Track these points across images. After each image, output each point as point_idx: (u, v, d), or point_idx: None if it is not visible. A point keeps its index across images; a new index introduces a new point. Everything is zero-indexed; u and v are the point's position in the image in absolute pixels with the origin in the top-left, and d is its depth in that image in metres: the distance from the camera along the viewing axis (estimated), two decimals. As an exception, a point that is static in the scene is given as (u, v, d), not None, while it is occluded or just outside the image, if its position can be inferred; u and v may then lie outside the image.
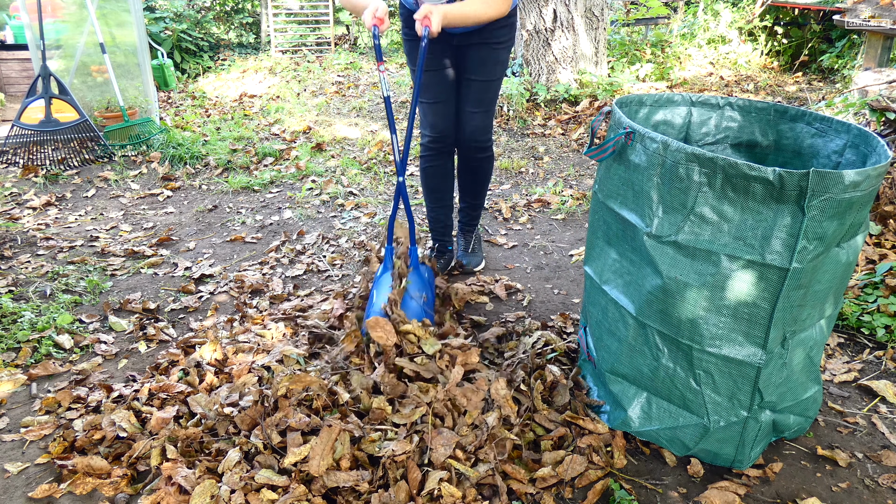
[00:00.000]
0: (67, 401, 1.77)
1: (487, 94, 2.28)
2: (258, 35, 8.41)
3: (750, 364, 1.41)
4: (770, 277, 1.32)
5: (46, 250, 2.76)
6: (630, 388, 1.63)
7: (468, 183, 2.51)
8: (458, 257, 2.59)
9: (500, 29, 2.18)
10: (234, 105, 5.51)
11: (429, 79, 2.25)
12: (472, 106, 2.28)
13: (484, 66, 2.23)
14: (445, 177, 2.45)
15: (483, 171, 2.46)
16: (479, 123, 2.31)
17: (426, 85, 2.25)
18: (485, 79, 2.24)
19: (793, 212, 1.26)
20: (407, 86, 6.20)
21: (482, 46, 2.20)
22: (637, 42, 6.53)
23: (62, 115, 3.85)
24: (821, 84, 5.90)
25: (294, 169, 3.84)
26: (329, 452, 1.48)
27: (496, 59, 2.23)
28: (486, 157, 2.42)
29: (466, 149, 2.38)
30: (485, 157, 2.41)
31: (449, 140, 2.36)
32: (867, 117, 2.90)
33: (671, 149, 1.34)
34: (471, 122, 2.30)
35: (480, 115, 2.30)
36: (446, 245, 2.58)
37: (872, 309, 2.15)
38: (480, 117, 2.30)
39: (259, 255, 2.76)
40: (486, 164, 2.44)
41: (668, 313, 1.45)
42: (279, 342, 2.02)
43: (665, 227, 1.40)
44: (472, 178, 2.48)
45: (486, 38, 2.18)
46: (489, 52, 2.21)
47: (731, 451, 1.53)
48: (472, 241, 2.63)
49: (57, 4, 4.17)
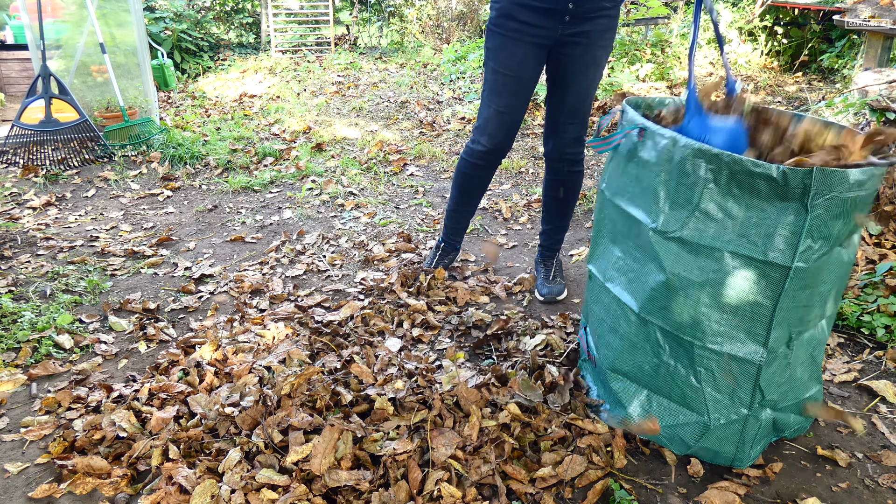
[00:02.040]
0: (67, 401, 1.77)
1: (586, 102, 2.09)
2: (258, 35, 8.41)
3: (751, 361, 1.42)
4: (772, 275, 1.32)
5: (46, 250, 2.76)
6: (630, 385, 1.63)
7: (556, 200, 2.31)
8: (537, 287, 2.39)
9: (609, 31, 2.01)
10: (234, 105, 5.51)
11: (509, 82, 2.01)
12: (569, 117, 2.10)
13: (585, 70, 2.02)
14: (483, 186, 2.30)
15: (573, 187, 2.28)
16: (575, 135, 2.14)
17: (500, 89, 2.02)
18: (584, 87, 2.05)
19: (796, 210, 1.26)
20: (407, 85, 6.20)
21: (589, 48, 1.99)
22: (637, 42, 6.53)
23: (62, 115, 3.85)
24: (821, 84, 5.91)
25: (294, 169, 3.84)
26: (331, 451, 1.48)
27: (600, 63, 2.05)
28: (578, 172, 2.23)
29: (557, 161, 2.20)
30: (577, 171, 2.23)
31: (502, 156, 2.18)
32: (867, 117, 2.90)
33: (679, 144, 1.35)
34: (565, 133, 2.13)
35: (577, 126, 2.12)
36: (455, 245, 2.50)
37: (872, 309, 2.15)
38: (577, 128, 2.13)
39: (259, 255, 2.77)
40: (577, 178, 2.25)
41: (670, 310, 1.45)
42: (281, 342, 2.02)
43: (671, 222, 1.40)
44: (564, 194, 2.29)
45: (594, 40, 1.98)
46: (594, 56, 2.00)
47: (731, 450, 1.53)
48: (553, 268, 2.42)
49: (57, 4, 4.17)
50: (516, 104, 2.06)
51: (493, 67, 2.04)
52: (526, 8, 1.94)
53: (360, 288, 2.44)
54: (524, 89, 2.05)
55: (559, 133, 2.14)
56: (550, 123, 2.16)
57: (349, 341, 2.02)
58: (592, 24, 1.96)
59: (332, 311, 2.27)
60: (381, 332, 2.12)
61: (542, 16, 1.93)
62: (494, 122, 2.09)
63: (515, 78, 2.02)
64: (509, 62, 2.01)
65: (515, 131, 2.13)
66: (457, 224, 2.44)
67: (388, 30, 8.97)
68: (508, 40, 1.99)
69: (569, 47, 2.00)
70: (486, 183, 2.30)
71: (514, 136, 2.14)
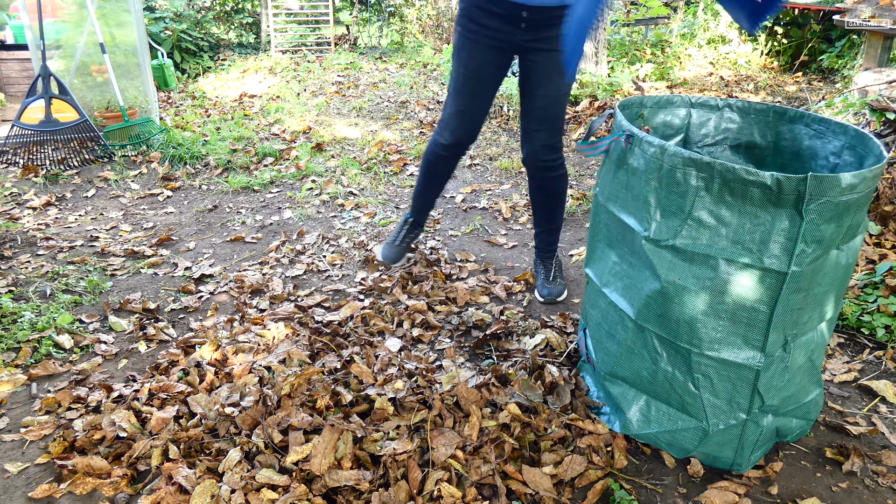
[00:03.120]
0: (67, 401, 1.77)
1: (554, 110, 2.06)
2: (258, 35, 8.41)
3: (748, 367, 1.41)
4: (768, 281, 1.32)
5: (46, 250, 2.76)
6: (629, 390, 1.63)
7: (540, 204, 2.31)
8: (537, 288, 2.38)
9: None
10: (234, 105, 5.51)
11: (469, 81, 2.04)
12: (538, 123, 2.09)
13: (550, 77, 2.00)
14: (447, 172, 2.35)
15: (555, 191, 2.25)
16: (545, 142, 2.11)
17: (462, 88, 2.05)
18: (551, 93, 2.03)
19: (791, 216, 1.26)
20: (407, 85, 6.20)
21: (551, 54, 1.96)
22: (637, 42, 6.54)
23: (62, 115, 3.85)
24: (821, 84, 5.91)
25: (294, 169, 3.84)
26: (331, 451, 1.48)
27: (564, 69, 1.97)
28: (556, 177, 2.21)
29: (533, 167, 2.19)
30: (555, 175, 2.21)
31: (465, 148, 2.22)
32: (867, 117, 2.90)
33: (668, 153, 1.34)
34: (536, 140, 2.11)
35: (546, 133, 2.10)
36: (421, 222, 2.55)
37: (872, 309, 2.15)
38: (546, 135, 2.10)
39: (259, 255, 2.77)
40: (557, 183, 2.23)
41: (666, 317, 1.45)
42: (281, 342, 2.02)
43: (663, 231, 1.40)
44: (544, 199, 2.28)
45: (555, 45, 1.95)
46: (558, 62, 1.97)
47: (730, 455, 1.53)
48: (552, 269, 2.41)
49: (57, 4, 4.17)
50: (475, 104, 2.10)
51: (455, 66, 2.08)
52: (485, 12, 1.96)
53: (360, 288, 2.44)
54: (483, 90, 2.08)
55: (531, 140, 2.13)
56: (523, 130, 2.17)
57: (349, 341, 2.02)
58: (551, 30, 1.95)
59: (332, 311, 2.27)
60: (381, 332, 2.12)
61: (499, 20, 1.95)
62: (455, 120, 2.14)
63: (474, 79, 2.05)
64: (469, 63, 2.05)
65: (477, 128, 2.17)
66: (423, 203, 2.50)
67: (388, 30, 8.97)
68: (469, 41, 2.02)
69: (532, 53, 2.00)
70: (450, 170, 2.36)
71: (478, 131, 2.18)
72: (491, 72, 2.06)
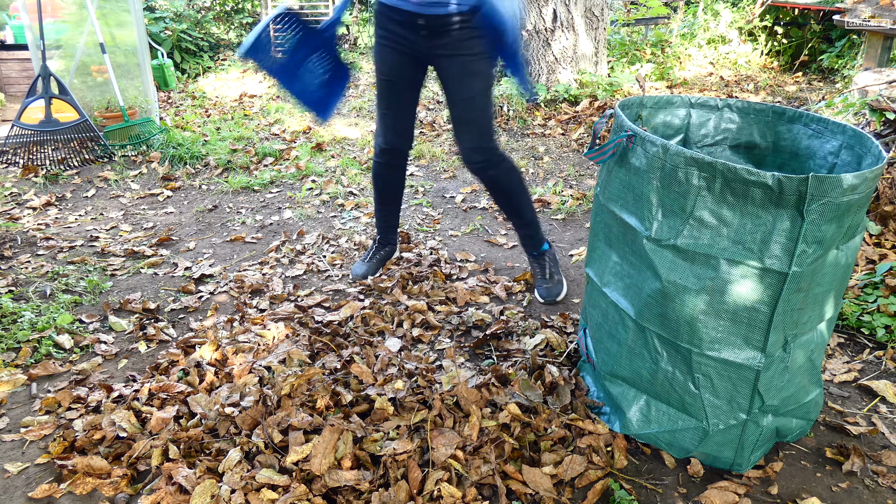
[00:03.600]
0: (67, 401, 1.78)
1: (471, 111, 2.05)
2: (258, 35, 8.40)
3: (749, 367, 1.41)
4: (769, 282, 1.32)
5: (46, 250, 2.77)
6: (629, 390, 1.63)
7: (498, 202, 2.27)
8: (536, 288, 2.35)
9: (471, 39, 1.95)
10: (234, 105, 5.51)
11: (383, 85, 2.09)
12: (460, 126, 2.09)
13: (460, 80, 2.01)
14: (394, 185, 2.34)
15: (504, 187, 2.20)
16: (470, 144, 2.10)
17: (380, 92, 2.09)
18: (464, 96, 2.02)
19: (792, 216, 1.26)
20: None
21: (454, 59, 1.98)
22: (637, 42, 6.54)
23: (62, 115, 3.85)
24: (821, 84, 5.91)
25: (294, 169, 3.84)
26: (331, 451, 1.48)
27: (473, 71, 1.99)
28: (498, 174, 2.16)
29: (469, 169, 2.19)
30: (495, 173, 2.16)
31: (398, 154, 2.23)
32: (867, 117, 2.90)
33: (670, 152, 1.34)
34: (462, 144, 2.12)
35: (468, 135, 2.09)
36: (388, 241, 2.53)
37: (872, 309, 2.15)
38: (469, 138, 2.09)
39: (259, 255, 2.77)
40: (501, 179, 2.18)
41: (667, 317, 1.45)
42: (281, 342, 2.02)
43: (664, 230, 1.40)
44: (498, 196, 2.25)
45: (456, 50, 1.96)
46: (463, 65, 1.98)
47: (730, 455, 1.53)
48: (546, 266, 2.34)
49: (57, 4, 4.17)
50: (393, 108, 2.13)
51: (375, 71, 2.14)
52: (389, 18, 2.01)
53: (360, 288, 2.44)
54: (399, 94, 2.11)
55: (459, 144, 2.14)
56: (454, 136, 2.19)
57: (349, 341, 2.02)
58: (450, 36, 1.96)
59: (332, 311, 2.27)
60: (381, 332, 2.12)
61: (402, 27, 2.00)
62: (381, 123, 2.19)
63: (388, 82, 2.10)
64: (381, 67, 2.10)
65: (407, 132, 2.19)
66: (382, 219, 2.47)
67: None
68: (381, 46, 2.08)
69: (440, 60, 2.03)
70: (396, 183, 2.34)
71: (409, 135, 2.20)
72: (402, 76, 2.09)
